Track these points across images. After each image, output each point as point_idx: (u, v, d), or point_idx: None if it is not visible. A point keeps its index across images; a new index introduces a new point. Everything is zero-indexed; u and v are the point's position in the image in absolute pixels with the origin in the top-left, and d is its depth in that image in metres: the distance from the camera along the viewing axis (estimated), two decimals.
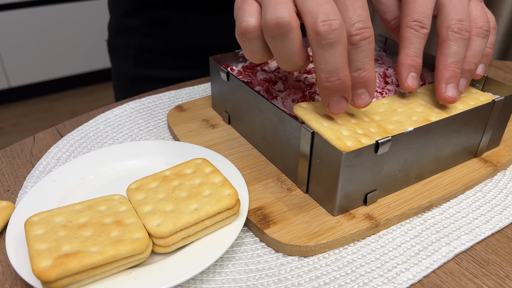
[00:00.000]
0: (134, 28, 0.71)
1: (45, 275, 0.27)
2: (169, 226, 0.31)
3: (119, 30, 0.73)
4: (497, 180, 0.43)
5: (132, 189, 0.35)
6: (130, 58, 0.74)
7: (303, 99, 0.44)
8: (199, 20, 0.69)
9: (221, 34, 0.70)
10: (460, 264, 0.34)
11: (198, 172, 0.36)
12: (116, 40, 0.75)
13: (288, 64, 0.34)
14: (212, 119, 0.51)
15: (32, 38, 2.08)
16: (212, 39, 0.71)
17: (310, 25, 0.31)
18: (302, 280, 0.33)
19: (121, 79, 0.78)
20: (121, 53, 0.75)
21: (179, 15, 0.68)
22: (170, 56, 0.72)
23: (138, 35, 0.71)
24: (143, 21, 0.69)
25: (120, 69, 0.77)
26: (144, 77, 0.74)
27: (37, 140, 0.49)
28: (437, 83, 0.40)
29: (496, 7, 1.20)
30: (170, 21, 0.69)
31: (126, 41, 0.73)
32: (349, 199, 0.36)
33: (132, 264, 0.31)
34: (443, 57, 0.40)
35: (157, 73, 0.73)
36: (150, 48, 0.72)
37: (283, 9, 0.31)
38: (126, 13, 0.71)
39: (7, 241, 0.32)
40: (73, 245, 0.29)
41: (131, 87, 0.75)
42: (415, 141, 0.37)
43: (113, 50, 0.77)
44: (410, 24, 0.40)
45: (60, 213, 0.32)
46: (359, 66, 0.34)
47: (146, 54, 0.72)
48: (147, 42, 0.71)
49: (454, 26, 0.39)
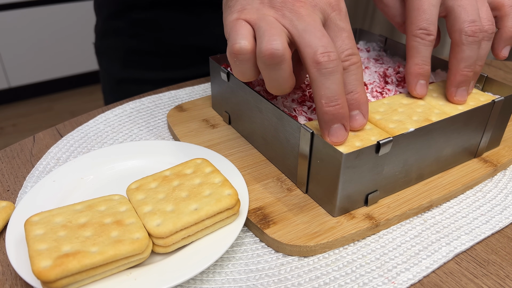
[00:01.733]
0: (120, 29, 0.70)
1: (45, 275, 0.27)
2: (169, 226, 0.31)
3: (105, 32, 0.73)
4: (497, 180, 0.43)
5: (132, 189, 0.35)
6: (117, 60, 0.73)
7: (303, 99, 0.44)
8: (186, 21, 0.69)
9: (207, 34, 0.69)
10: (460, 264, 0.34)
11: (198, 172, 0.36)
12: (102, 43, 0.75)
13: (277, 89, 0.36)
14: (212, 119, 0.51)
15: (32, 38, 2.08)
16: (199, 40, 0.70)
17: (310, 56, 0.33)
18: (302, 280, 0.33)
19: (109, 82, 0.77)
20: (108, 55, 0.75)
21: (165, 16, 0.68)
22: (157, 57, 0.71)
23: (124, 37, 0.70)
24: (129, 23, 0.69)
25: (108, 71, 0.76)
26: (131, 78, 0.73)
27: (37, 140, 0.49)
28: (449, 86, 0.42)
29: None
30: (156, 22, 0.69)
31: (112, 43, 0.72)
32: (350, 200, 0.36)
33: (132, 264, 0.31)
34: (456, 62, 0.41)
35: (144, 75, 0.73)
36: (136, 50, 0.71)
37: (278, 41, 0.32)
38: (111, 15, 0.70)
39: (7, 241, 0.32)
40: (73, 245, 0.29)
41: (119, 89, 0.75)
42: (415, 142, 0.37)
43: (100, 53, 0.77)
44: (415, 33, 0.41)
45: (60, 213, 0.32)
46: (351, 89, 0.36)
47: (132, 56, 0.72)
48: (134, 43, 0.71)
49: (467, 29, 0.40)
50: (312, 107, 0.43)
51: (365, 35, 0.59)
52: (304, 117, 0.42)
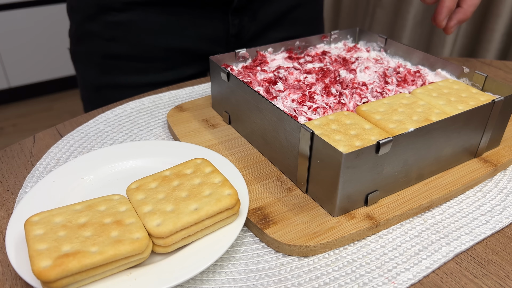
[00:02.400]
0: (95, 33, 0.67)
1: (45, 275, 0.27)
2: (169, 226, 0.31)
3: (80, 36, 0.69)
4: (497, 180, 0.43)
5: (132, 189, 0.35)
6: (94, 66, 0.70)
7: (303, 99, 0.44)
8: (165, 22, 0.66)
9: (188, 36, 0.67)
10: (460, 264, 0.34)
11: (198, 172, 0.36)
12: (78, 48, 0.71)
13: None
14: (212, 119, 0.51)
15: (32, 38, 2.08)
16: (179, 42, 0.68)
17: None
18: (302, 280, 0.33)
19: (87, 89, 0.73)
20: (84, 61, 0.71)
21: (142, 17, 0.65)
22: (136, 61, 0.68)
23: (100, 41, 0.67)
24: (104, 26, 0.66)
25: (85, 78, 0.72)
26: (111, 84, 0.70)
27: (37, 140, 0.49)
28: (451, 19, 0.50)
29: (496, 7, 1.20)
30: (134, 24, 0.65)
31: (88, 48, 0.69)
32: (350, 200, 0.36)
33: (132, 264, 0.31)
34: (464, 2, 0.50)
35: (124, 80, 0.69)
36: (114, 54, 0.68)
37: None
38: (86, 18, 0.67)
39: (7, 241, 0.32)
40: (73, 245, 0.29)
41: (98, 96, 0.71)
42: (415, 142, 0.37)
43: (75, 58, 0.73)
44: None
45: (60, 213, 0.32)
46: None
47: (110, 60, 0.68)
48: (111, 47, 0.67)
49: None
50: (312, 107, 0.43)
51: (365, 35, 0.59)
52: (304, 117, 0.42)
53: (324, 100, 0.44)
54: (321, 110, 0.42)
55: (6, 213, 0.39)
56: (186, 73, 0.69)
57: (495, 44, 1.24)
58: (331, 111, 0.43)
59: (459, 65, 0.49)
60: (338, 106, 0.43)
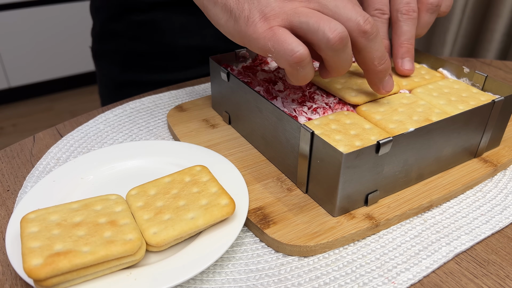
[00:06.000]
0: (119, 32, 0.69)
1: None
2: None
3: (104, 35, 0.72)
4: (497, 180, 0.43)
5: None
6: (116, 64, 0.72)
7: (303, 99, 0.44)
8: (185, 22, 0.68)
9: (208, 34, 0.69)
10: (460, 264, 0.34)
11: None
12: (101, 46, 0.74)
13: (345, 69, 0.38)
14: (212, 119, 0.50)
15: (32, 38, 2.08)
16: (199, 40, 0.70)
17: (355, 28, 0.36)
18: (302, 280, 0.33)
19: (107, 86, 0.77)
20: (107, 58, 0.74)
21: (164, 17, 0.67)
22: (158, 59, 0.71)
23: (124, 40, 0.70)
24: (128, 25, 0.68)
25: (107, 75, 0.76)
26: (132, 81, 0.73)
27: (37, 140, 0.49)
28: (394, 59, 0.47)
29: (496, 7, 1.20)
30: (156, 24, 0.68)
31: (111, 46, 0.72)
32: (350, 200, 0.36)
33: (124, 265, 0.30)
34: (396, 37, 0.47)
35: (145, 77, 0.72)
36: (136, 52, 0.70)
37: (336, 24, 0.34)
38: (110, 18, 0.69)
39: (7, 241, 0.32)
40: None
41: (119, 92, 0.74)
42: (415, 142, 0.37)
43: (98, 56, 0.76)
44: (372, 13, 0.47)
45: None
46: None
47: (133, 58, 0.71)
48: (134, 46, 0.70)
49: (402, 9, 0.46)
50: (312, 107, 0.43)
51: None
52: (304, 117, 0.42)
53: (324, 100, 0.44)
54: (321, 110, 0.42)
55: (6, 213, 0.39)
56: (206, 71, 0.70)
57: (495, 44, 1.24)
58: (331, 111, 0.43)
59: (459, 65, 0.49)
60: (338, 106, 0.43)
